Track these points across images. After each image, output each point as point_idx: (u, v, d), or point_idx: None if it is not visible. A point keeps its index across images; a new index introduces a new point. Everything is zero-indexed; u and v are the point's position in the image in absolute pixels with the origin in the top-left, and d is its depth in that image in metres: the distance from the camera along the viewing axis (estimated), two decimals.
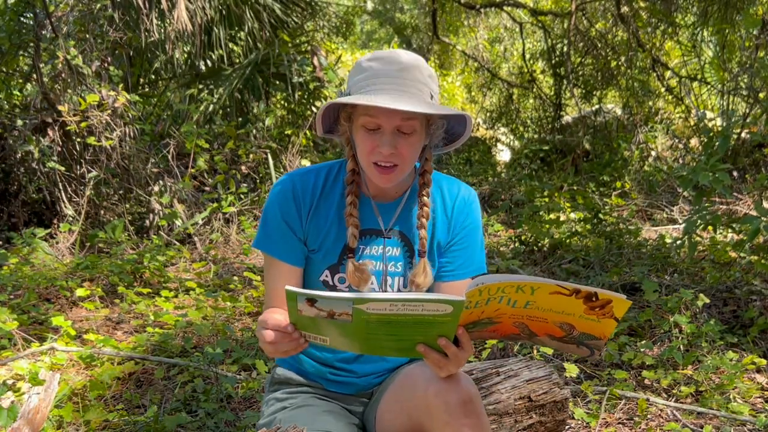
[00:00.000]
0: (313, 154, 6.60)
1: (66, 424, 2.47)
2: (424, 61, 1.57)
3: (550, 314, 1.33)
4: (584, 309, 1.30)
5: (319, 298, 1.24)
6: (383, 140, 1.50)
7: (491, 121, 10.74)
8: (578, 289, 1.27)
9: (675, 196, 6.96)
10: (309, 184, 1.64)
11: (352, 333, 1.30)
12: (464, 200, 1.70)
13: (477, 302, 1.28)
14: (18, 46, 5.71)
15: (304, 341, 1.39)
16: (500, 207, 6.40)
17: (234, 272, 4.63)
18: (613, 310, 1.30)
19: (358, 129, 1.54)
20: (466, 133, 1.63)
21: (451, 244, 1.69)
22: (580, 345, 1.41)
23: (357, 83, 1.53)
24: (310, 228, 1.64)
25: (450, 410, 1.46)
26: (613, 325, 1.33)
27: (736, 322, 3.42)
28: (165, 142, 5.78)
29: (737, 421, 2.50)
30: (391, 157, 1.51)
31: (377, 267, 1.65)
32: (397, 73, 1.50)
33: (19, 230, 5.22)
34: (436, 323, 1.28)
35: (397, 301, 1.22)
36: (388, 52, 1.55)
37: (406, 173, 1.57)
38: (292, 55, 6.50)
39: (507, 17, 11.14)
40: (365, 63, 1.54)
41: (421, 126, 1.54)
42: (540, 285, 1.27)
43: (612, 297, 1.28)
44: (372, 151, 1.52)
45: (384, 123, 1.50)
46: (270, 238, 1.64)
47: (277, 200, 1.64)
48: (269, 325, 1.40)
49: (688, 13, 8.45)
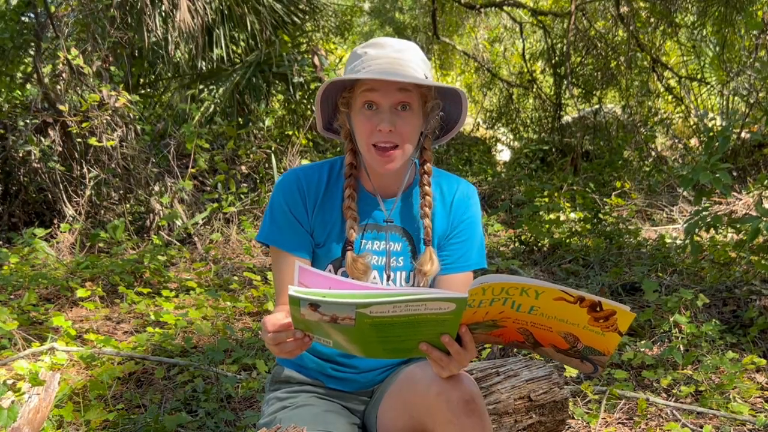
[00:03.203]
0: (313, 154, 6.60)
1: (66, 424, 2.47)
2: (417, 47, 1.61)
3: (555, 322, 1.33)
4: (588, 319, 1.30)
5: (322, 303, 1.23)
6: (382, 117, 1.53)
7: (491, 121, 10.74)
8: (582, 297, 1.27)
9: (675, 196, 6.96)
10: (313, 180, 1.65)
11: (355, 336, 1.30)
12: (463, 194, 1.72)
13: (481, 301, 1.28)
14: (19, 46, 5.71)
15: (308, 339, 1.39)
16: (500, 207, 6.40)
17: (234, 272, 4.64)
18: (617, 323, 1.30)
19: (357, 114, 1.56)
20: (462, 117, 1.65)
21: (450, 237, 1.70)
22: (584, 360, 1.40)
23: (353, 69, 1.56)
24: (315, 222, 1.65)
25: (452, 409, 1.46)
26: (617, 340, 1.32)
27: (736, 322, 3.42)
28: (165, 142, 5.78)
29: (737, 421, 2.51)
30: (390, 135, 1.53)
31: (380, 262, 1.66)
32: (392, 53, 1.54)
33: (20, 230, 5.23)
34: (438, 322, 1.27)
35: (400, 302, 1.21)
36: (382, 39, 1.60)
37: (405, 156, 1.58)
38: (292, 55, 6.50)
39: (507, 17, 11.14)
40: (360, 50, 1.58)
41: (417, 104, 1.56)
42: (545, 289, 1.27)
43: (616, 308, 1.27)
44: (371, 132, 1.54)
45: (382, 99, 1.53)
46: (277, 230, 1.64)
47: (283, 193, 1.64)
48: (270, 327, 1.40)
49: (688, 13, 8.45)
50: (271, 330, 1.39)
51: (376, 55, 1.54)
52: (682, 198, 6.64)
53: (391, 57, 1.53)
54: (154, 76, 6.84)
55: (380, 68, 1.52)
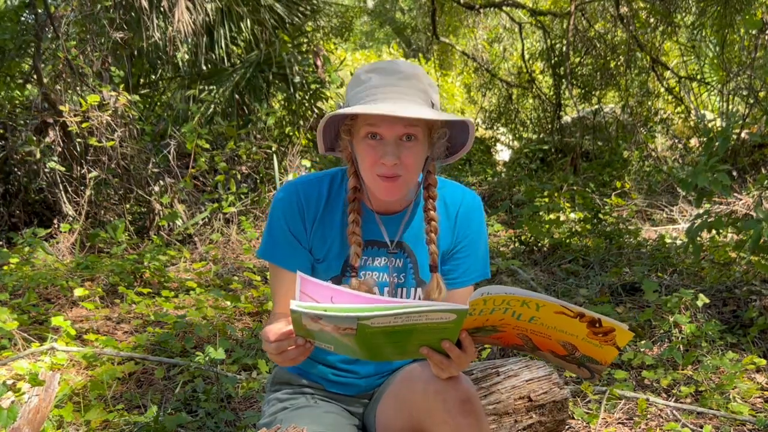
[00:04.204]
0: (313, 153, 6.60)
1: (66, 424, 2.47)
2: (424, 71, 1.55)
3: (554, 332, 1.34)
4: (587, 333, 1.31)
5: (324, 316, 1.23)
6: (386, 150, 1.48)
7: (490, 121, 10.74)
8: (582, 313, 1.28)
9: (675, 196, 6.96)
10: (313, 194, 1.62)
11: (357, 343, 1.31)
12: (468, 207, 1.68)
13: (481, 310, 1.29)
14: (19, 46, 5.71)
15: (310, 345, 1.39)
16: (500, 207, 6.40)
17: (234, 272, 4.64)
18: (616, 339, 1.31)
19: (360, 142, 1.52)
20: (468, 143, 1.60)
21: (455, 251, 1.68)
22: (581, 366, 1.41)
23: (356, 95, 1.51)
24: (314, 238, 1.63)
25: (449, 409, 1.46)
26: (614, 353, 1.33)
27: (736, 322, 3.42)
28: (165, 143, 5.78)
29: (737, 421, 2.51)
30: (395, 168, 1.49)
31: (382, 278, 1.64)
32: (397, 81, 1.48)
33: (20, 230, 5.22)
34: (439, 329, 1.28)
35: (401, 314, 1.22)
36: (387, 63, 1.54)
37: (409, 185, 1.55)
38: (293, 55, 6.50)
39: (506, 17, 11.13)
40: (364, 75, 1.52)
41: (423, 135, 1.51)
42: (545, 303, 1.28)
43: (615, 326, 1.28)
44: (375, 163, 1.50)
45: (386, 132, 1.48)
46: (275, 247, 1.63)
47: (282, 209, 1.62)
48: (272, 337, 1.40)
49: (688, 13, 8.45)
50: (273, 339, 1.39)
51: (380, 84, 1.48)
52: (682, 198, 6.64)
53: (396, 87, 1.48)
54: (154, 76, 6.84)
55: (384, 100, 1.46)
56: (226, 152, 5.89)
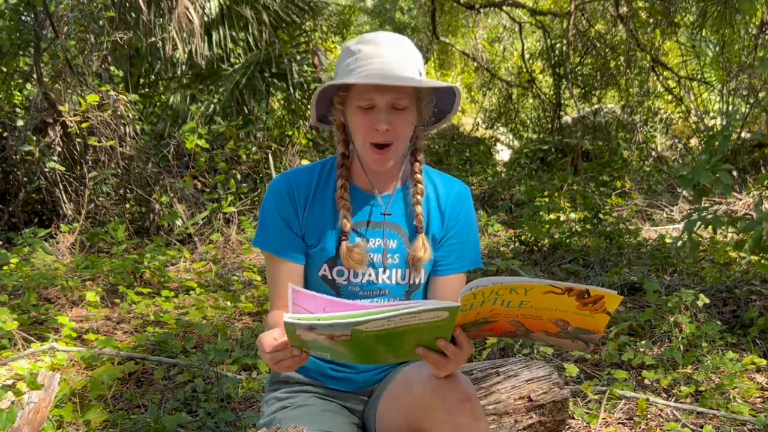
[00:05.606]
0: (312, 153, 6.60)
1: (66, 424, 2.47)
2: (410, 41, 1.63)
3: (545, 312, 1.36)
4: (577, 305, 1.34)
5: (318, 325, 1.26)
6: (379, 117, 1.54)
7: (491, 121, 10.75)
8: (570, 287, 1.30)
9: (675, 196, 6.96)
10: (303, 181, 1.67)
11: (352, 349, 1.33)
12: (457, 194, 1.74)
13: (472, 304, 1.31)
14: (18, 45, 5.71)
15: (306, 354, 1.41)
16: (500, 207, 6.40)
17: (234, 272, 4.64)
18: (605, 305, 1.33)
19: (353, 112, 1.58)
20: (454, 108, 1.67)
21: (446, 238, 1.72)
22: (576, 339, 1.44)
23: (347, 66, 1.57)
24: (307, 223, 1.66)
25: (447, 408, 1.47)
26: (605, 320, 1.36)
27: (736, 322, 3.42)
28: (165, 142, 5.78)
29: (737, 421, 2.51)
30: (387, 135, 1.55)
31: (376, 259, 1.67)
32: (385, 50, 1.55)
33: (20, 230, 5.22)
34: (433, 328, 1.31)
35: (394, 317, 1.24)
36: (374, 34, 1.61)
37: (399, 153, 1.61)
38: (292, 55, 6.50)
39: (506, 17, 11.15)
40: (353, 46, 1.59)
41: (411, 102, 1.58)
42: (533, 286, 1.30)
43: (603, 293, 1.31)
44: (368, 131, 1.56)
45: (377, 100, 1.54)
46: (269, 236, 1.67)
47: (273, 198, 1.67)
48: (267, 348, 1.41)
49: (688, 13, 8.45)
50: (268, 351, 1.41)
51: (370, 54, 1.55)
52: (682, 198, 6.64)
53: (386, 57, 1.55)
54: (154, 76, 6.84)
55: (376, 71, 1.53)
56: (225, 152, 5.89)
